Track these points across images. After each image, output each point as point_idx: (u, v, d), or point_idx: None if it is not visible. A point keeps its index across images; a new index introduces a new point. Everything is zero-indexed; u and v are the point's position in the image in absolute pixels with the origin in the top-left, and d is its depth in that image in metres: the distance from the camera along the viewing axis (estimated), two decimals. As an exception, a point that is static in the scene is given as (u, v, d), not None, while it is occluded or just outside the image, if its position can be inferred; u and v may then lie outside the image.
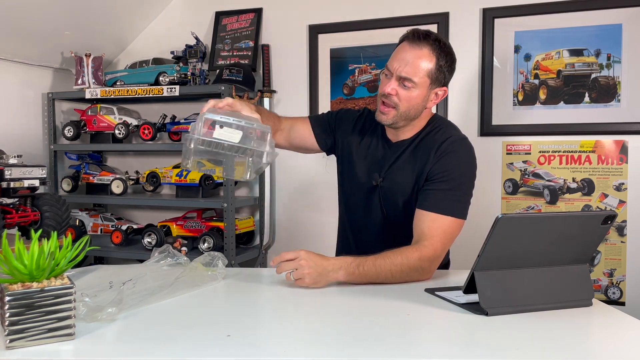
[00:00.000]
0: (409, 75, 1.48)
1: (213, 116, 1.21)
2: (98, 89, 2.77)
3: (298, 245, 2.82)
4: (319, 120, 1.76)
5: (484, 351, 0.97)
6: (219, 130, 1.20)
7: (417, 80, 1.48)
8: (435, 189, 1.48)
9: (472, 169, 1.53)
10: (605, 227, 1.21)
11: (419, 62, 1.48)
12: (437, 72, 1.50)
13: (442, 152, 1.51)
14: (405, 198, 1.55)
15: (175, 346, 0.98)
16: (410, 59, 1.48)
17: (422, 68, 1.48)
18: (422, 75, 1.48)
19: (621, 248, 2.36)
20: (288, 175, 2.85)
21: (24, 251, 0.97)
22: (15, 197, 2.02)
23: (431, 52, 1.48)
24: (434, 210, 1.46)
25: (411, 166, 1.55)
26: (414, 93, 1.50)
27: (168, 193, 2.99)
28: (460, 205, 1.48)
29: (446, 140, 1.52)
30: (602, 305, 1.24)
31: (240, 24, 2.84)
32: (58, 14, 2.55)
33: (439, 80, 1.51)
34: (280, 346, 0.98)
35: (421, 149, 1.55)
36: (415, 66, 1.48)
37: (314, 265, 1.35)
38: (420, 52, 1.48)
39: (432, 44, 1.49)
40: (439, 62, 1.49)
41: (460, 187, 1.49)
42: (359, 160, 1.66)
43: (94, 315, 1.07)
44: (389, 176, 1.59)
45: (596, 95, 2.35)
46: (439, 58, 1.49)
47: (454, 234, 1.48)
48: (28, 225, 2.02)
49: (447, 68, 1.51)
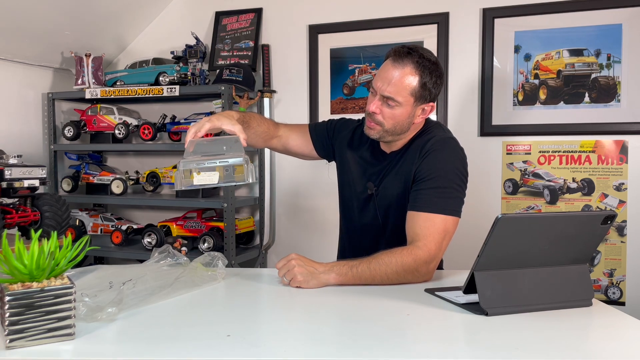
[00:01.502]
0: (391, 94, 1.48)
1: (188, 166, 1.30)
2: (98, 89, 2.77)
3: (298, 245, 2.82)
4: (318, 128, 1.78)
5: (484, 351, 0.97)
6: (197, 177, 1.30)
7: (400, 100, 1.48)
8: (422, 188, 1.48)
9: (458, 166, 1.52)
10: (605, 227, 1.21)
11: (401, 81, 1.47)
12: (421, 90, 1.49)
13: (426, 152, 1.51)
14: (399, 204, 1.57)
15: (176, 346, 0.98)
16: (393, 78, 1.47)
17: (405, 87, 1.47)
18: (405, 94, 1.48)
19: (621, 248, 2.36)
20: (288, 175, 2.85)
21: (24, 251, 0.97)
22: (15, 197, 2.02)
23: (414, 70, 1.47)
24: (423, 210, 1.45)
25: (402, 172, 1.57)
26: (397, 111, 1.50)
27: (168, 193, 2.99)
28: (449, 202, 1.46)
29: (429, 140, 1.53)
30: (602, 305, 1.24)
31: (240, 24, 2.84)
32: (58, 14, 2.55)
33: (423, 97, 1.51)
34: (280, 346, 0.98)
35: (409, 154, 1.57)
36: (397, 85, 1.47)
37: (304, 264, 1.38)
38: (403, 70, 1.48)
39: (416, 60, 1.47)
40: (423, 79, 1.48)
41: (447, 184, 1.48)
42: (355, 170, 1.68)
43: (94, 315, 1.07)
44: (383, 184, 1.61)
45: (596, 95, 2.35)
46: (422, 75, 1.48)
47: (448, 231, 1.46)
48: (28, 225, 2.02)
49: (432, 84, 1.50)
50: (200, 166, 1.29)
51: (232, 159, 1.32)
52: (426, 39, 2.55)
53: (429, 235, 1.42)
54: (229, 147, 1.36)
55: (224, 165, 1.31)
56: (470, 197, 2.63)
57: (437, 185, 1.47)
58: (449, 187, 1.48)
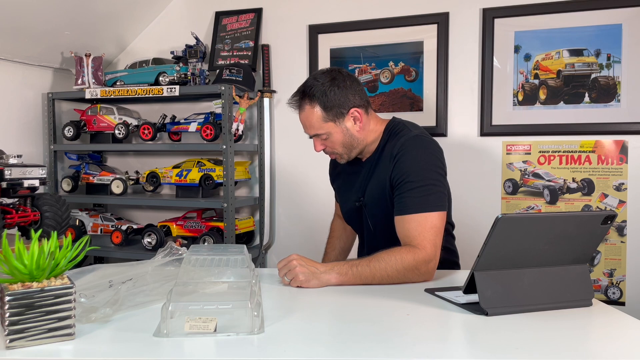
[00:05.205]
0: (315, 132, 1.61)
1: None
2: (98, 89, 2.77)
3: (298, 245, 2.82)
4: (335, 192, 1.94)
5: (484, 351, 0.97)
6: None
7: (323, 131, 1.59)
8: (402, 192, 1.52)
9: (430, 160, 1.54)
10: (605, 227, 1.21)
11: (310, 119, 1.59)
12: (329, 111, 1.58)
13: (396, 156, 1.55)
14: (386, 210, 1.60)
15: (176, 346, 0.98)
16: (305, 121, 1.61)
17: (316, 120, 1.59)
18: (322, 125, 1.59)
19: (621, 248, 2.36)
20: (288, 175, 2.85)
21: (24, 251, 0.97)
22: (15, 197, 2.02)
23: (310, 104, 1.58)
24: (407, 213, 1.48)
25: (380, 179, 1.61)
26: (333, 138, 1.61)
27: (168, 193, 2.99)
28: (430, 198, 1.48)
29: (397, 144, 1.57)
30: (602, 305, 1.24)
31: (240, 24, 2.84)
32: (58, 14, 2.55)
33: (338, 114, 1.59)
34: (280, 346, 0.98)
35: (383, 160, 1.61)
36: (312, 123, 1.60)
37: (305, 264, 1.41)
38: (304, 112, 1.60)
39: (306, 96, 1.58)
40: (324, 104, 1.57)
41: (424, 182, 1.50)
42: (345, 187, 1.79)
43: (88, 316, 1.07)
44: (368, 194, 1.66)
45: (596, 95, 2.35)
46: (319, 101, 1.57)
47: (437, 227, 1.47)
48: (28, 225, 2.02)
49: (334, 97, 1.57)
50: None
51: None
52: (426, 39, 2.55)
53: (419, 236, 1.45)
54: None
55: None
56: (470, 197, 2.63)
57: (414, 186, 1.50)
58: (426, 184, 1.50)
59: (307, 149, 2.78)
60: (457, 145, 2.53)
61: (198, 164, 2.70)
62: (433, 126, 2.54)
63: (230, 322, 1.05)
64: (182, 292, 1.08)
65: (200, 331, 1.01)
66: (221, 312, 1.04)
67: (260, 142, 2.81)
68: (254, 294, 1.08)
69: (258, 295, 1.16)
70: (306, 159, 2.78)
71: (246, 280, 1.14)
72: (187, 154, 2.91)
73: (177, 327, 1.02)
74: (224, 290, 1.12)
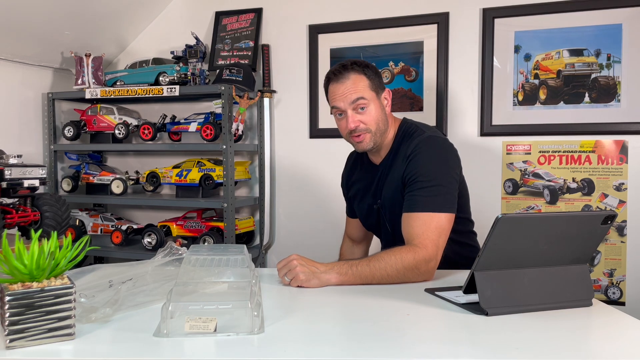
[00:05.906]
0: (360, 95, 1.59)
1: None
2: (98, 89, 2.77)
3: (298, 245, 2.82)
4: (347, 208, 1.94)
5: (484, 351, 0.97)
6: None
7: (367, 96, 1.60)
8: (412, 190, 1.53)
9: (443, 162, 1.56)
10: (605, 227, 1.21)
11: (356, 85, 1.60)
12: (372, 82, 1.62)
13: (410, 155, 1.57)
14: (398, 211, 1.60)
15: (176, 346, 0.98)
16: (348, 87, 1.60)
17: (362, 86, 1.60)
18: (366, 90, 1.60)
19: (621, 248, 2.36)
20: (288, 175, 2.85)
21: (24, 251, 0.97)
22: (15, 197, 2.02)
23: (357, 73, 1.61)
24: (414, 211, 1.49)
25: (394, 179, 1.62)
26: (371, 109, 1.61)
27: (168, 193, 2.99)
28: (439, 198, 1.50)
29: (411, 143, 1.59)
30: (602, 305, 1.24)
31: (240, 24, 2.84)
32: (58, 14, 2.55)
33: (380, 86, 1.65)
34: (281, 346, 0.98)
35: (397, 160, 1.63)
36: (356, 88, 1.60)
37: (305, 264, 1.41)
38: (350, 79, 1.61)
39: (357, 64, 1.62)
40: (369, 75, 1.62)
41: (435, 182, 1.51)
42: (361, 192, 1.79)
43: (88, 316, 1.07)
44: (383, 195, 1.67)
45: (596, 95, 2.35)
46: (365, 73, 1.62)
47: (443, 228, 1.48)
48: (28, 225, 2.02)
49: (375, 75, 1.64)
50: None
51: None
52: (426, 39, 2.55)
53: (422, 234, 1.45)
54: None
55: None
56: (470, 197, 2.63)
57: (424, 185, 1.51)
58: (437, 184, 1.51)
59: (307, 149, 2.78)
60: (457, 145, 2.49)
61: (198, 164, 2.70)
62: (433, 126, 2.53)
63: (230, 322, 1.04)
64: (182, 292, 1.08)
65: (200, 331, 1.01)
66: (221, 312, 1.04)
67: (260, 142, 2.81)
68: (254, 294, 1.08)
69: (258, 295, 1.16)
70: (306, 159, 2.78)
71: (246, 280, 1.13)
72: (187, 154, 2.91)
73: (177, 327, 1.02)
74: (224, 290, 1.12)
